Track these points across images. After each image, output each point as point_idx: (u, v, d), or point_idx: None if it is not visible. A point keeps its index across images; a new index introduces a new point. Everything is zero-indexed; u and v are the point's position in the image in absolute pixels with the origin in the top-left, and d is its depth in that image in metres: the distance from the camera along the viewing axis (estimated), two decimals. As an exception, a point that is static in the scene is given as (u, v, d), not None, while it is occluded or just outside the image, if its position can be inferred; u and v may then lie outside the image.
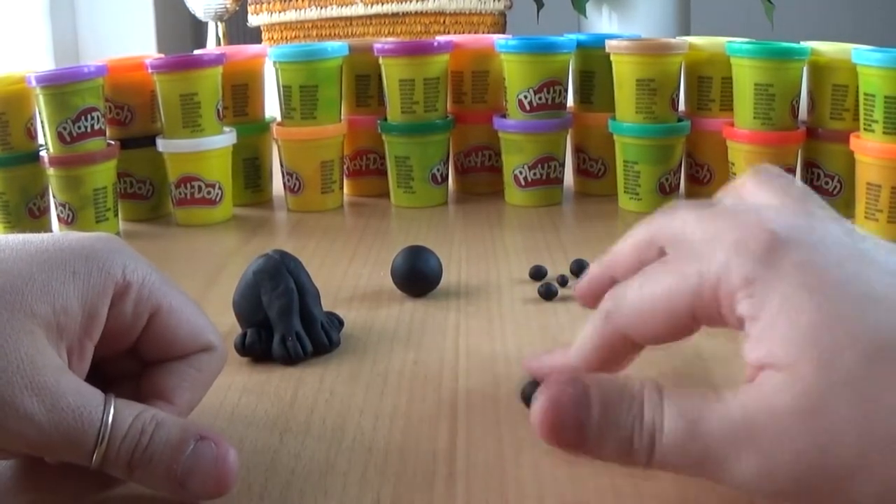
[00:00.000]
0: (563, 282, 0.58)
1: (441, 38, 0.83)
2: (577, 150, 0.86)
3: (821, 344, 0.28)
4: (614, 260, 0.38)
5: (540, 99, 0.79)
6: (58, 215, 0.75)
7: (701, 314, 0.32)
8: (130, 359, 0.37)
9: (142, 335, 0.36)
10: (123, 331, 0.35)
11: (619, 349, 0.35)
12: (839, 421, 0.27)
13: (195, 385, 0.37)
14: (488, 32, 1.29)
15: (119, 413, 0.32)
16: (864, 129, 0.68)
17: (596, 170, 0.84)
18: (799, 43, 0.72)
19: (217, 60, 0.77)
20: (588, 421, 0.30)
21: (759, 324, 0.29)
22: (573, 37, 0.83)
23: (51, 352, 0.32)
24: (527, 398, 0.40)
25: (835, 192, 0.74)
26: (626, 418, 0.30)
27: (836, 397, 0.27)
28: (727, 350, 0.46)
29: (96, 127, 0.73)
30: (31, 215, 0.75)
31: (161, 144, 0.77)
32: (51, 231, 0.76)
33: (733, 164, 0.74)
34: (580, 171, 0.86)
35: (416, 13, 1.29)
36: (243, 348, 0.47)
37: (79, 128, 0.72)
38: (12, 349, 0.31)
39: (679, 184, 0.79)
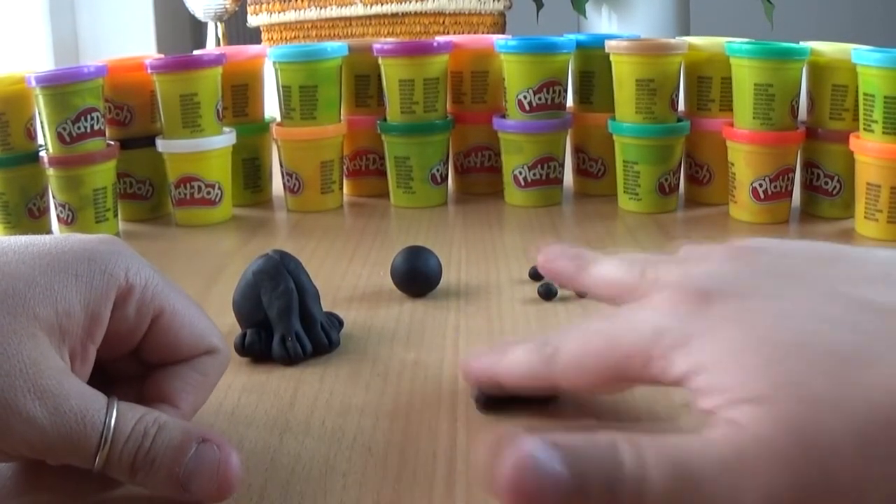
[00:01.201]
0: (562, 282, 0.58)
1: (441, 39, 0.83)
2: (577, 151, 0.86)
3: (789, 372, 0.28)
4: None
5: (539, 99, 0.79)
6: (57, 215, 0.74)
7: (634, 376, 0.33)
8: (133, 360, 0.37)
9: (145, 338, 0.36)
10: (126, 333, 0.35)
11: (549, 388, 0.38)
12: (834, 438, 0.27)
13: (199, 388, 0.37)
14: (488, 33, 1.29)
15: (122, 416, 0.32)
16: (864, 130, 0.68)
17: (595, 170, 0.84)
18: (799, 43, 0.72)
19: (217, 61, 0.77)
20: (561, 485, 0.28)
21: (705, 374, 0.30)
22: (573, 37, 0.83)
23: (53, 355, 0.32)
24: (480, 402, 0.41)
25: (834, 193, 0.74)
26: (606, 476, 0.28)
27: (825, 417, 0.27)
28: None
29: (96, 127, 0.73)
30: (30, 215, 0.75)
31: (161, 145, 0.77)
32: (50, 231, 0.76)
33: (733, 164, 0.74)
34: (580, 171, 0.86)
35: (415, 13, 1.29)
36: (243, 348, 0.47)
37: (78, 128, 0.72)
38: (15, 352, 0.31)
39: (679, 184, 0.79)
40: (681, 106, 0.80)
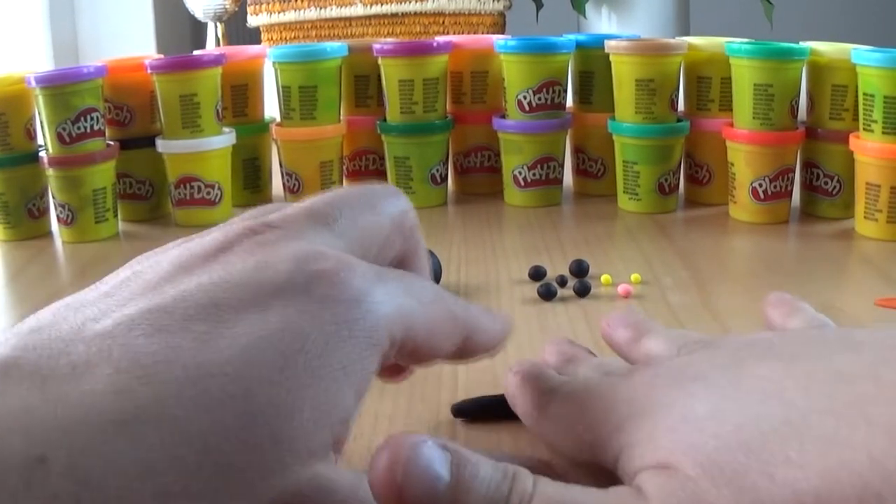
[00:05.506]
0: (562, 282, 0.58)
1: (440, 39, 0.83)
2: (577, 151, 0.86)
3: (700, 443, 0.28)
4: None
5: (539, 99, 0.79)
6: (57, 216, 0.75)
7: (594, 453, 0.32)
8: None
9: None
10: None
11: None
12: None
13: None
14: (488, 33, 1.29)
15: None
16: (864, 130, 0.68)
17: (595, 170, 0.84)
18: (798, 43, 0.72)
19: (216, 61, 0.77)
20: (433, 486, 0.25)
21: (628, 451, 0.30)
22: (572, 37, 0.83)
23: (340, 474, 0.26)
24: (453, 408, 0.41)
25: (834, 193, 0.74)
26: (484, 499, 0.26)
27: (721, 489, 0.27)
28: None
29: (96, 127, 0.73)
30: (30, 216, 0.75)
31: (160, 145, 0.77)
32: (49, 232, 0.76)
33: (732, 164, 0.74)
34: (579, 171, 0.86)
35: (415, 14, 1.29)
36: (243, 349, 0.47)
37: (78, 128, 0.72)
38: None
39: (678, 184, 0.79)
40: (680, 106, 0.80)
